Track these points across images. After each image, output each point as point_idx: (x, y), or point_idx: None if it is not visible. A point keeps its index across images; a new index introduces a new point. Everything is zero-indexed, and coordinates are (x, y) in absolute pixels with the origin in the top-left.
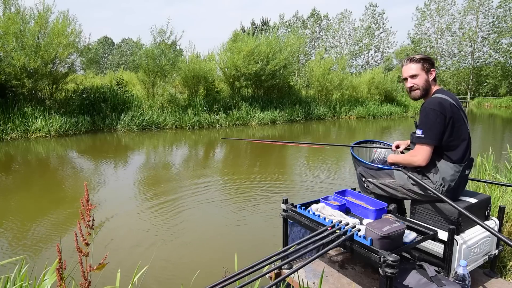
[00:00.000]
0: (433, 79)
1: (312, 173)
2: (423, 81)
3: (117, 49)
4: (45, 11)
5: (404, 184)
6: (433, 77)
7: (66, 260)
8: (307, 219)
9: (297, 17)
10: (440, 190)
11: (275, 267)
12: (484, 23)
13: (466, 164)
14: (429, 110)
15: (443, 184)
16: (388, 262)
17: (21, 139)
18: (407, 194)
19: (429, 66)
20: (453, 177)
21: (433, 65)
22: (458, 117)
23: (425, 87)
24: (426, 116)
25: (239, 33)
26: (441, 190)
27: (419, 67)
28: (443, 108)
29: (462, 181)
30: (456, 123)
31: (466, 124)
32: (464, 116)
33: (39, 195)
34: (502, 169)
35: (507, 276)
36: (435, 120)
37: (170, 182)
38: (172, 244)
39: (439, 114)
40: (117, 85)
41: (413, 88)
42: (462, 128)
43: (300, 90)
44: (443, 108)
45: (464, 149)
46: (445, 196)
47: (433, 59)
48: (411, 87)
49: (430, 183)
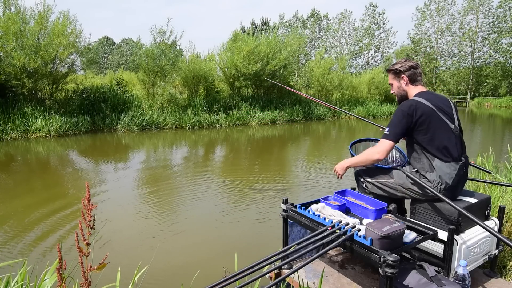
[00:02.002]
0: (408, 83)
1: (312, 173)
2: (396, 88)
3: (117, 49)
4: (45, 11)
5: (403, 183)
6: (405, 82)
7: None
8: (307, 219)
9: (297, 17)
10: (438, 188)
11: (275, 267)
12: (484, 23)
13: (462, 163)
14: (398, 111)
15: (441, 182)
16: (388, 262)
17: (21, 139)
18: (406, 193)
19: (398, 74)
20: (450, 175)
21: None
22: (433, 118)
23: (400, 93)
24: (394, 116)
25: (239, 33)
26: (439, 188)
27: (391, 77)
28: (412, 110)
29: (461, 179)
30: (430, 124)
31: (448, 123)
32: (445, 116)
33: (39, 195)
34: (502, 169)
35: (507, 276)
36: (401, 120)
37: (170, 182)
38: (172, 244)
39: (406, 115)
40: (117, 85)
41: (393, 95)
42: (441, 127)
43: (300, 90)
44: (412, 109)
45: (453, 147)
46: (443, 195)
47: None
48: (392, 93)
49: (427, 182)
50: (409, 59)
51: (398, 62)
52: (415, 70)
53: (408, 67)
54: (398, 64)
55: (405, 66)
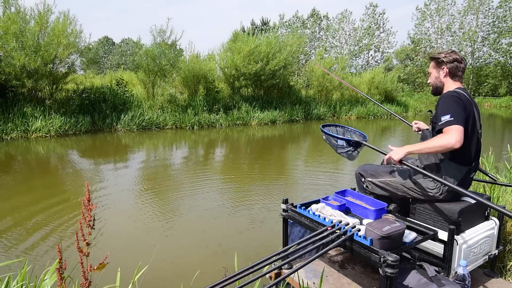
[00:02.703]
0: (448, 75)
1: (312, 173)
2: (433, 78)
3: (117, 49)
4: (45, 11)
5: (405, 182)
6: (444, 74)
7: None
8: (307, 219)
9: (297, 17)
10: (441, 189)
11: (275, 267)
12: (484, 23)
13: (472, 167)
14: (450, 97)
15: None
16: (388, 262)
17: (21, 139)
18: (407, 192)
19: (439, 64)
20: (456, 178)
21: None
22: (472, 114)
23: (435, 84)
24: (448, 102)
25: (239, 33)
26: (442, 190)
27: (431, 65)
28: (462, 96)
29: (465, 183)
30: (469, 119)
31: (478, 126)
32: (477, 117)
33: (39, 195)
34: (502, 169)
35: (507, 276)
36: (458, 104)
37: (170, 182)
38: (172, 244)
39: (460, 100)
40: (117, 85)
41: (429, 85)
42: (473, 128)
43: (300, 90)
44: (462, 96)
45: (471, 151)
46: (445, 196)
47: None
48: (428, 83)
49: (430, 182)
50: (456, 52)
51: (443, 51)
52: (459, 64)
53: (452, 59)
54: (443, 53)
55: (449, 57)
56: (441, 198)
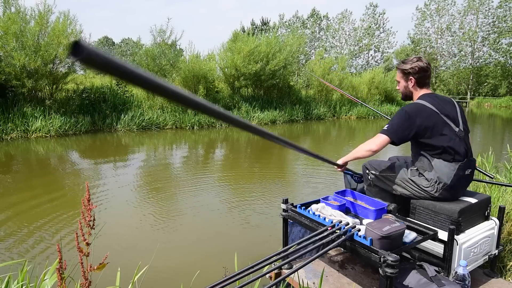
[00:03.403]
0: (415, 85)
1: (312, 173)
2: (402, 87)
3: (117, 49)
4: (45, 11)
5: (403, 179)
6: (412, 84)
7: (66, 260)
8: (307, 219)
9: (297, 17)
10: (435, 187)
11: (275, 267)
12: (484, 23)
13: (463, 164)
14: (402, 112)
15: (438, 181)
16: (388, 262)
17: (21, 139)
18: (406, 188)
19: (406, 76)
20: (449, 175)
21: (410, 74)
22: (438, 121)
23: (404, 93)
24: (397, 115)
25: (239, 33)
26: (436, 187)
27: (399, 74)
28: (416, 113)
29: (462, 181)
30: (434, 127)
31: (452, 126)
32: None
33: (39, 195)
34: (502, 169)
35: (507, 276)
36: (403, 122)
37: (170, 182)
38: (172, 244)
39: (409, 117)
40: (117, 85)
41: (398, 92)
42: (445, 131)
43: (300, 90)
44: (416, 113)
45: (455, 149)
46: (441, 194)
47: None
48: (397, 89)
49: (425, 181)
50: (422, 59)
51: (409, 60)
52: (425, 73)
53: (418, 70)
54: (409, 64)
55: (415, 68)
56: (437, 196)
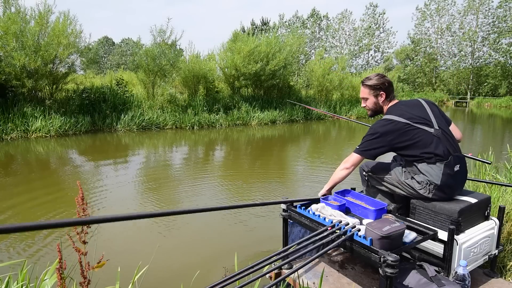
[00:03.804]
0: (385, 99)
1: (312, 173)
2: (372, 103)
3: (117, 49)
4: (45, 11)
5: (398, 181)
6: (383, 99)
7: (66, 260)
8: (307, 219)
9: (297, 17)
10: (427, 189)
11: (275, 267)
12: (484, 23)
13: (448, 162)
14: (373, 130)
15: (429, 183)
16: (388, 262)
17: (21, 139)
18: (404, 189)
19: (376, 91)
20: (437, 175)
21: (381, 88)
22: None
23: (374, 109)
24: (369, 134)
25: (239, 33)
26: (428, 189)
27: (366, 91)
28: (386, 132)
29: (454, 179)
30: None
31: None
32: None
33: (39, 195)
34: (502, 169)
35: (507, 276)
36: (375, 140)
37: (170, 182)
38: (172, 244)
39: (380, 136)
40: (117, 85)
41: (366, 109)
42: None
43: (300, 90)
44: (387, 131)
45: (435, 152)
46: (435, 195)
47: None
48: (364, 107)
49: (416, 183)
50: (383, 75)
51: (373, 77)
52: (391, 87)
53: (388, 84)
54: (374, 80)
55: (384, 83)
56: (431, 197)
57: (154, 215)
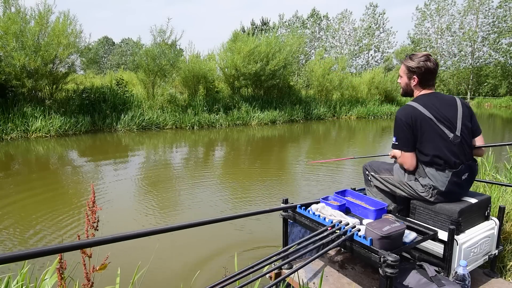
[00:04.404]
0: (418, 85)
1: (313, 173)
2: (404, 83)
3: (117, 49)
4: (45, 11)
5: (400, 182)
6: (415, 83)
7: (66, 260)
8: (307, 219)
9: (297, 17)
10: (430, 193)
11: (275, 267)
12: (484, 23)
13: (457, 171)
14: (397, 118)
15: (433, 188)
16: (388, 262)
17: (21, 139)
18: (404, 190)
19: (411, 74)
20: (443, 182)
21: (415, 72)
22: (428, 127)
23: (405, 89)
24: (395, 124)
25: (239, 33)
26: (430, 193)
27: (403, 69)
28: (407, 118)
29: (459, 187)
30: (424, 134)
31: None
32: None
33: (38, 195)
34: (502, 169)
35: (507, 276)
36: (402, 128)
37: (170, 182)
38: (172, 244)
39: (404, 122)
40: (117, 85)
41: (400, 85)
42: (436, 138)
43: (300, 90)
44: (407, 117)
45: (445, 158)
46: (437, 199)
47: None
48: (399, 83)
49: (420, 186)
50: (430, 59)
51: (417, 57)
52: (430, 75)
53: (424, 70)
54: (415, 61)
55: (421, 68)
56: (433, 201)
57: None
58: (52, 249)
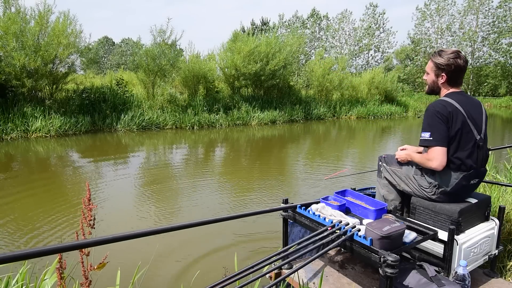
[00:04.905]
0: (446, 83)
1: (313, 173)
2: (430, 80)
3: (117, 49)
4: (45, 11)
5: (407, 175)
6: (443, 81)
7: (66, 260)
8: (307, 219)
9: (297, 17)
10: (433, 191)
11: (275, 267)
12: (484, 23)
13: (468, 174)
14: (432, 112)
15: (438, 186)
16: (388, 262)
17: (21, 139)
18: (408, 185)
19: (439, 71)
20: (450, 183)
21: (444, 70)
22: (460, 124)
23: (431, 87)
24: (430, 118)
25: (239, 33)
26: (434, 191)
27: (430, 66)
28: (444, 110)
29: (465, 190)
30: (457, 131)
31: (475, 133)
32: (473, 125)
33: (38, 195)
34: (502, 169)
35: (507, 276)
36: (439, 122)
37: (170, 182)
38: (172, 244)
39: (441, 116)
40: (117, 85)
41: (425, 83)
42: (466, 137)
43: (300, 90)
44: (444, 110)
45: (469, 159)
46: (439, 198)
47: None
48: (424, 80)
49: (425, 182)
50: (461, 56)
51: (446, 54)
52: (460, 73)
53: (454, 68)
54: (445, 57)
55: (451, 66)
56: (435, 199)
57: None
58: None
